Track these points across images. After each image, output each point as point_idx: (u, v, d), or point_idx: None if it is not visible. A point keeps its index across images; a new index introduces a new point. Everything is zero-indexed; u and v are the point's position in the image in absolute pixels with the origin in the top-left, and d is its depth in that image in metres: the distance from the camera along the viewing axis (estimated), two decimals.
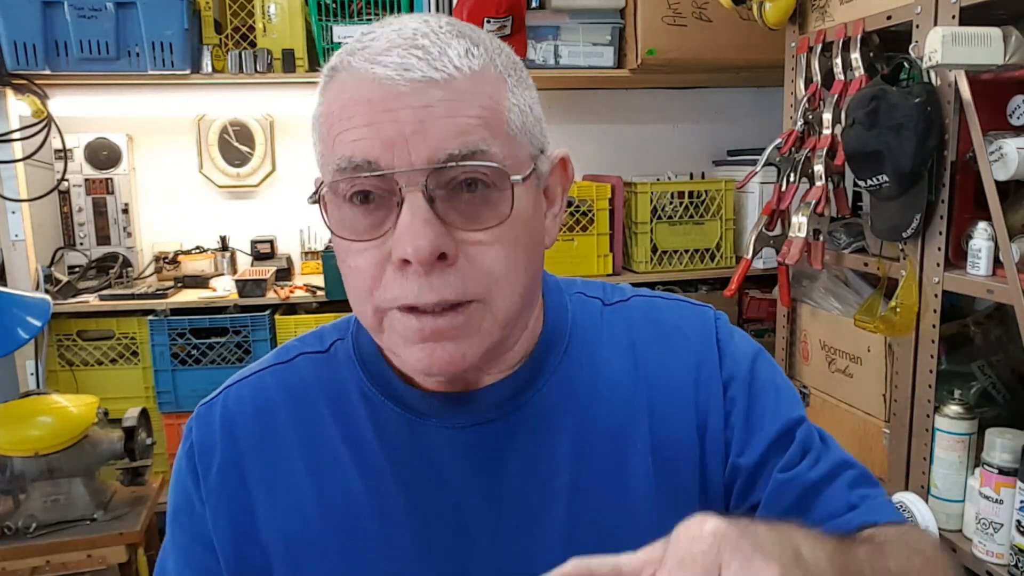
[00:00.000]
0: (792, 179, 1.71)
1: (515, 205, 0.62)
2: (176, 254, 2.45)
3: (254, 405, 0.73)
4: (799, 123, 1.75)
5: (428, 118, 0.59)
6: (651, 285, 2.22)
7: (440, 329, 0.61)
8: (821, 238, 1.67)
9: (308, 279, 2.43)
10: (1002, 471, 1.28)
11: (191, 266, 2.41)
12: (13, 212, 2.15)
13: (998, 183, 1.28)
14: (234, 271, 2.46)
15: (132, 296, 2.21)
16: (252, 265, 2.47)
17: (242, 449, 0.72)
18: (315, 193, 0.65)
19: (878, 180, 1.45)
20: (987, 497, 1.30)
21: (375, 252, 0.62)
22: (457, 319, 0.61)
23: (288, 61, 2.18)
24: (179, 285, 2.34)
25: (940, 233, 1.42)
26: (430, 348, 0.61)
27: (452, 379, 0.68)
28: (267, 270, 2.34)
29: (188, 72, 2.10)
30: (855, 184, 1.65)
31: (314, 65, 2.21)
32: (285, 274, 2.44)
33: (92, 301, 2.20)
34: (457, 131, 0.59)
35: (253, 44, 2.20)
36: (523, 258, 0.64)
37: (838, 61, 1.64)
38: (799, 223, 1.65)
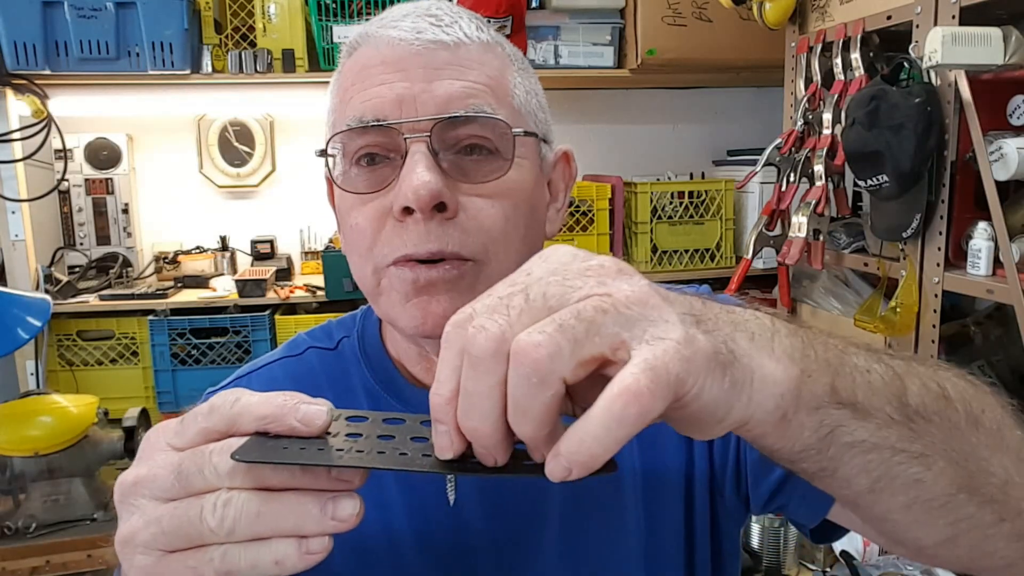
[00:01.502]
0: (792, 179, 1.71)
1: (515, 167, 0.63)
2: (176, 254, 2.45)
3: None
4: (799, 123, 1.75)
5: (437, 78, 0.62)
6: None
7: (434, 280, 0.61)
8: (821, 238, 1.67)
9: (308, 279, 2.43)
10: None
11: (191, 266, 2.41)
12: (13, 212, 2.15)
13: (998, 183, 1.28)
14: (234, 271, 2.46)
15: (132, 296, 2.21)
16: (252, 265, 2.47)
17: None
18: (323, 151, 0.66)
19: (878, 180, 1.45)
20: None
21: (376, 206, 0.63)
22: (451, 272, 0.62)
23: (288, 61, 2.18)
24: (179, 285, 2.34)
25: (940, 233, 1.42)
26: (424, 302, 0.62)
27: None
28: (267, 270, 2.34)
29: (188, 72, 2.10)
30: (855, 184, 1.65)
31: (314, 65, 2.21)
32: (285, 274, 2.44)
33: (92, 301, 2.20)
34: (464, 94, 0.62)
35: (253, 44, 2.20)
36: (521, 226, 0.65)
37: (838, 61, 1.64)
38: (799, 223, 1.65)
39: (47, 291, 2.15)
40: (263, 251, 2.50)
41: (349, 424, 0.44)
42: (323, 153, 0.66)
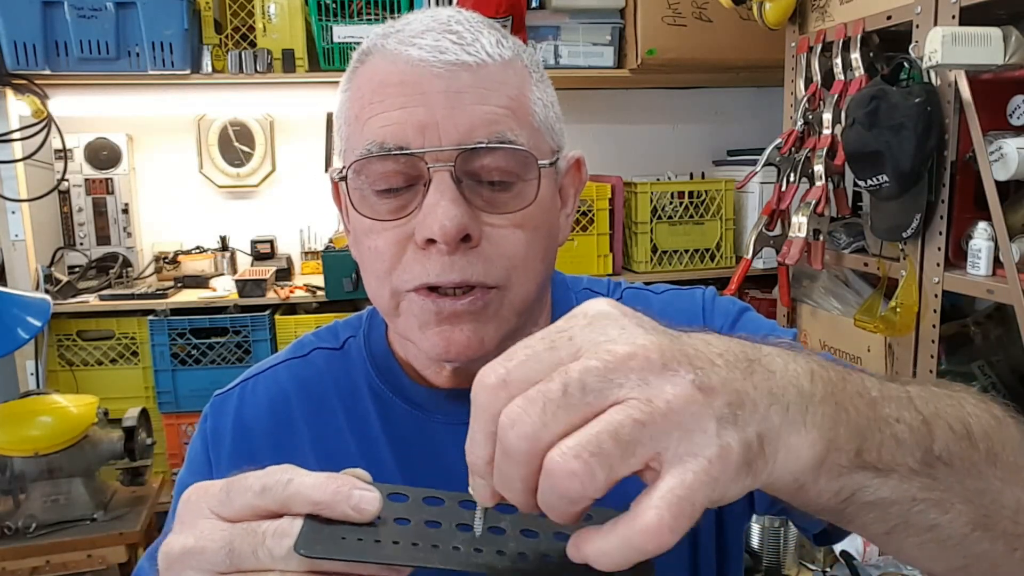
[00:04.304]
0: (792, 179, 1.71)
1: (539, 192, 0.63)
2: (176, 254, 2.45)
3: (268, 397, 0.75)
4: (799, 123, 1.75)
5: (459, 104, 0.60)
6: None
7: (459, 312, 0.61)
8: (821, 238, 1.67)
9: (308, 279, 2.43)
10: None
11: (191, 266, 2.41)
12: (13, 212, 2.15)
13: (998, 183, 1.28)
14: (234, 271, 2.46)
15: (132, 296, 2.21)
16: (252, 265, 2.47)
17: (254, 439, 0.73)
18: (342, 170, 0.65)
19: (878, 180, 1.45)
20: None
21: (396, 232, 0.62)
22: (476, 303, 0.62)
23: (288, 61, 2.18)
24: (179, 285, 2.34)
25: (940, 233, 1.42)
26: (447, 331, 0.62)
27: (462, 369, 0.68)
28: (267, 270, 2.34)
29: (188, 72, 2.10)
30: (855, 184, 1.65)
31: (314, 65, 2.21)
32: (285, 274, 2.44)
33: (92, 301, 2.20)
34: (486, 120, 0.60)
35: (253, 44, 2.20)
36: (541, 247, 0.65)
37: (838, 61, 1.64)
38: (799, 223, 1.65)
39: (47, 291, 2.15)
40: (263, 251, 2.50)
41: (392, 504, 0.44)
42: (343, 178, 0.65)
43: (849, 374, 0.44)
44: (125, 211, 2.41)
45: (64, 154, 2.26)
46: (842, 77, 1.63)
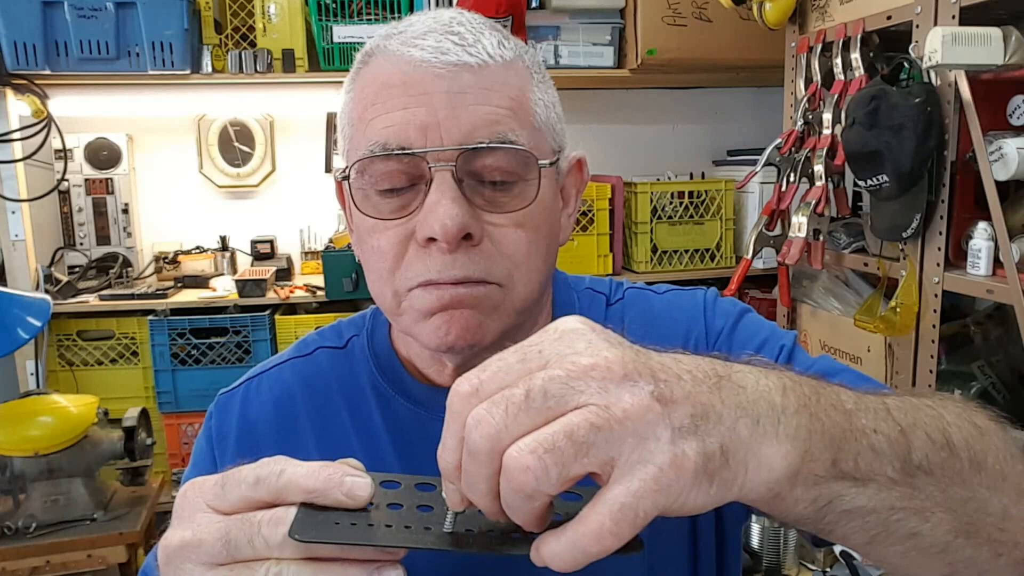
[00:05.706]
0: (792, 179, 1.71)
1: (540, 192, 0.63)
2: (176, 254, 2.45)
3: (272, 396, 0.76)
4: (799, 123, 1.75)
5: (460, 104, 0.61)
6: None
7: (459, 296, 0.62)
8: (821, 238, 1.68)
9: (308, 279, 2.43)
10: None
11: (191, 266, 2.41)
12: (13, 212, 2.15)
13: (998, 183, 1.28)
14: (234, 271, 2.46)
15: (132, 296, 2.21)
16: (252, 265, 2.47)
17: (259, 437, 0.74)
18: (344, 170, 0.66)
19: (878, 180, 1.45)
20: None
21: (398, 231, 0.63)
22: (477, 290, 0.62)
23: (288, 61, 2.18)
24: (179, 285, 2.34)
25: (940, 233, 1.42)
26: (448, 316, 0.62)
27: (464, 367, 0.68)
28: (267, 270, 2.34)
29: (188, 72, 2.10)
30: (855, 184, 1.65)
31: (314, 65, 2.21)
32: (285, 274, 2.44)
33: (92, 301, 2.20)
34: (488, 120, 0.61)
35: (253, 44, 2.20)
36: (543, 246, 0.66)
37: (838, 61, 1.64)
38: (799, 223, 1.65)
39: (47, 291, 2.15)
40: (263, 251, 2.50)
41: (385, 491, 0.46)
42: (345, 178, 0.65)
43: (824, 387, 0.45)
44: (125, 211, 2.41)
45: (64, 154, 2.26)
46: (842, 77, 1.63)
